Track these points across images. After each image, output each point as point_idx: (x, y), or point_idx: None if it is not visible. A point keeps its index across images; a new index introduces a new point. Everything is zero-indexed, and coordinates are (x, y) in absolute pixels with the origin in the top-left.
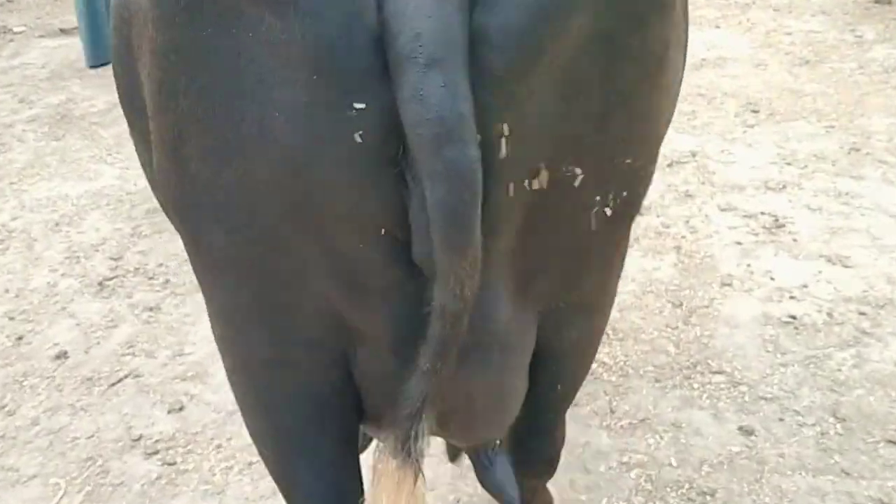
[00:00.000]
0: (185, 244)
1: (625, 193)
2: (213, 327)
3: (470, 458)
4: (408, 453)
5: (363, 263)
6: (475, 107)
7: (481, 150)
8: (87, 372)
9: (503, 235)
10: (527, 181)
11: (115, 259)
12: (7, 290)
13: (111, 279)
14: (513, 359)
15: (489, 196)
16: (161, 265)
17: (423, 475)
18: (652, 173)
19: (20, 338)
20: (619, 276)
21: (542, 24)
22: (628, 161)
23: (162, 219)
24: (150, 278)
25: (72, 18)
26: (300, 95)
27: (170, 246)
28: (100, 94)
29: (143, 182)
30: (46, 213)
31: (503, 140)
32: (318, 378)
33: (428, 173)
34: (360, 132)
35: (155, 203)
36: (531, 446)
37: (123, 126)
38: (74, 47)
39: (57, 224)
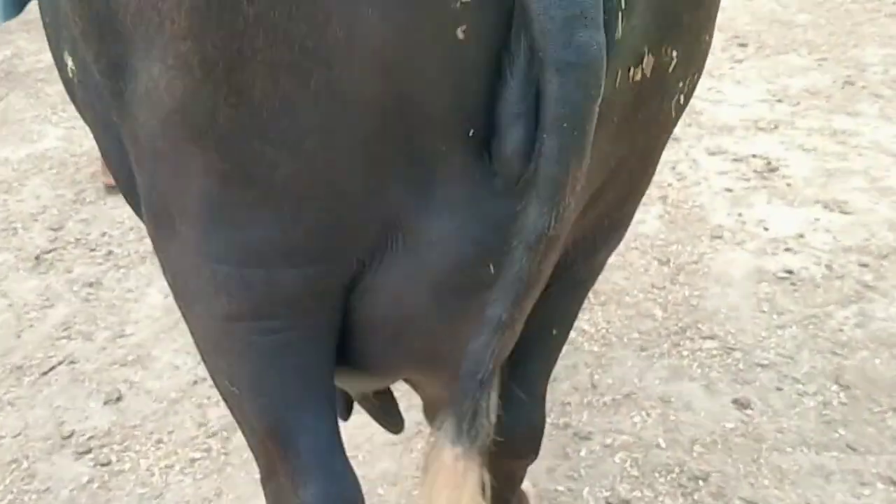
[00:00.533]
0: (208, 182)
1: (696, 75)
2: (220, 271)
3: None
4: (473, 436)
5: (442, 172)
6: None
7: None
8: (18, 359)
9: (599, 141)
10: (631, 69)
11: (54, 229)
12: None
13: (49, 252)
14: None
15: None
16: (104, 234)
17: (488, 470)
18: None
19: None
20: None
21: None
22: (708, 38)
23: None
24: (92, 250)
25: None
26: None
27: (115, 213)
28: (48, 48)
29: (90, 143)
30: None
31: (619, 16)
32: (333, 318)
33: (554, 64)
34: (464, 27)
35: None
36: (516, 411)
37: None
38: None
39: None
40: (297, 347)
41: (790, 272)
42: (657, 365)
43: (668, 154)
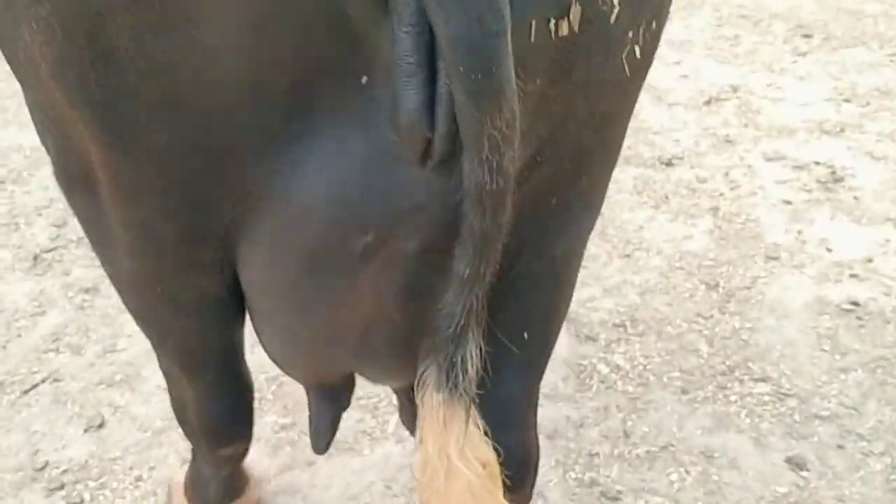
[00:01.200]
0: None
1: (655, 21)
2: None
3: (398, 397)
4: (455, 384)
5: (321, 134)
6: None
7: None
8: (1, 374)
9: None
10: (552, 21)
11: (57, 226)
12: None
13: (49, 251)
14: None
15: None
16: None
17: (476, 409)
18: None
19: None
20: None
21: None
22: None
23: None
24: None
25: None
26: None
27: None
28: None
29: None
30: None
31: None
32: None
33: (435, 2)
34: None
35: None
36: (500, 441)
37: None
38: None
39: (2, 181)
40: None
41: (856, 304)
42: (700, 412)
43: (721, 159)
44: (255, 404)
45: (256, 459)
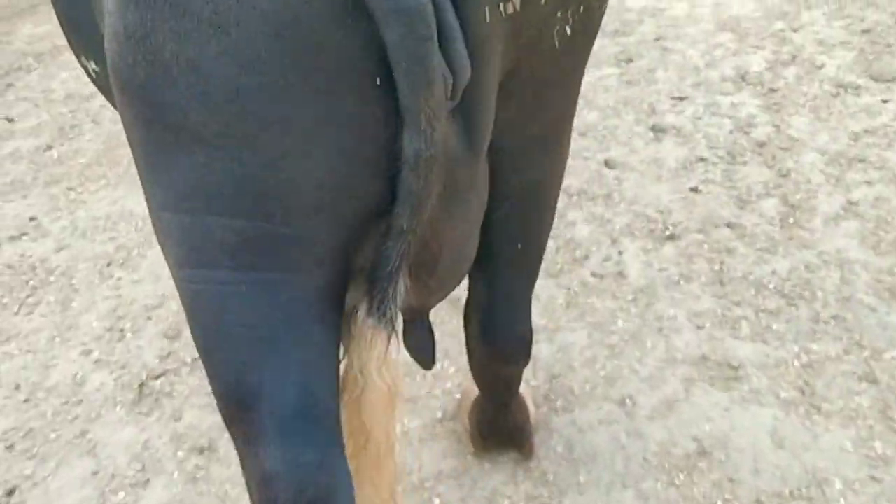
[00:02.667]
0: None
1: (581, 8)
2: (164, 217)
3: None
4: (383, 314)
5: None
6: None
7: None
8: None
9: (487, 66)
10: (501, 5)
11: (170, 338)
12: (18, 388)
13: (157, 377)
14: (474, 203)
15: (469, 27)
16: None
17: (397, 337)
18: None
19: (10, 492)
20: (573, 116)
21: None
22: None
23: None
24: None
25: None
26: None
27: None
28: None
29: None
30: (100, 241)
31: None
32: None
33: (380, 15)
34: None
35: None
36: (500, 321)
37: None
38: None
39: (109, 263)
40: (249, 301)
41: None
42: None
43: None
44: None
45: None
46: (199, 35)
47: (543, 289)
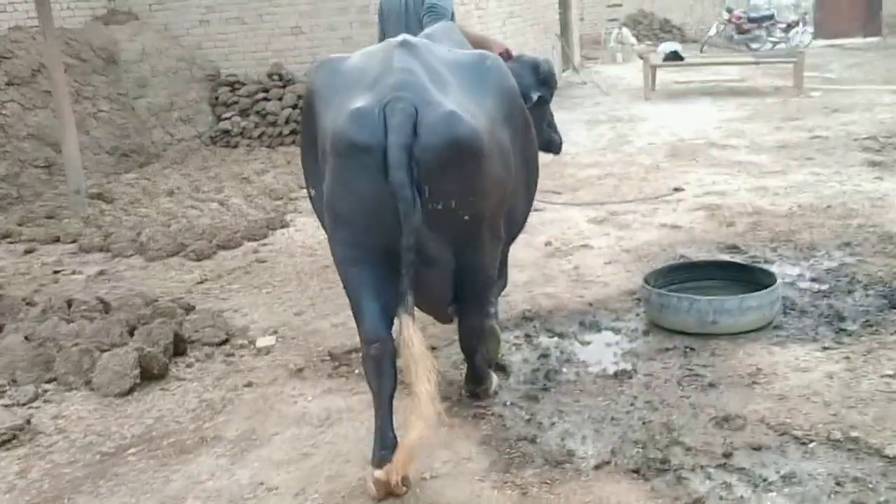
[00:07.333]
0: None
1: (467, 216)
2: (337, 250)
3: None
4: (406, 309)
5: (394, 232)
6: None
7: (416, 194)
8: None
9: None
10: (430, 205)
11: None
12: None
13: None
14: (441, 268)
15: (423, 205)
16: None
17: (413, 321)
18: (483, 202)
19: None
20: (495, 245)
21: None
22: (471, 198)
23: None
24: None
25: None
26: (370, 185)
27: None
28: None
29: None
30: None
31: (426, 190)
32: (379, 261)
33: (397, 199)
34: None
35: None
36: (464, 321)
37: None
38: None
39: (319, 425)
40: (360, 275)
41: None
42: None
43: None
44: None
45: None
46: (324, 155)
47: None
